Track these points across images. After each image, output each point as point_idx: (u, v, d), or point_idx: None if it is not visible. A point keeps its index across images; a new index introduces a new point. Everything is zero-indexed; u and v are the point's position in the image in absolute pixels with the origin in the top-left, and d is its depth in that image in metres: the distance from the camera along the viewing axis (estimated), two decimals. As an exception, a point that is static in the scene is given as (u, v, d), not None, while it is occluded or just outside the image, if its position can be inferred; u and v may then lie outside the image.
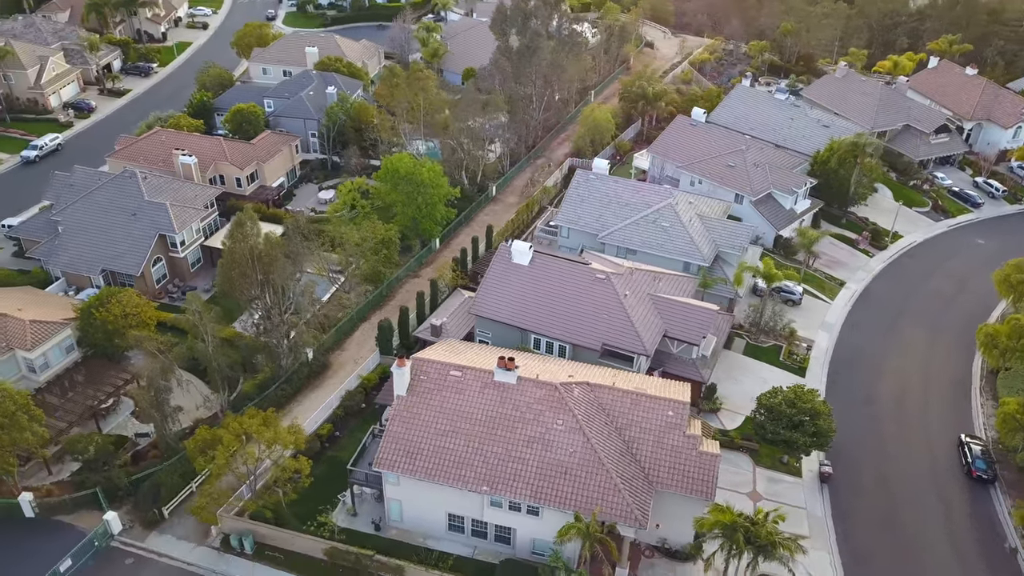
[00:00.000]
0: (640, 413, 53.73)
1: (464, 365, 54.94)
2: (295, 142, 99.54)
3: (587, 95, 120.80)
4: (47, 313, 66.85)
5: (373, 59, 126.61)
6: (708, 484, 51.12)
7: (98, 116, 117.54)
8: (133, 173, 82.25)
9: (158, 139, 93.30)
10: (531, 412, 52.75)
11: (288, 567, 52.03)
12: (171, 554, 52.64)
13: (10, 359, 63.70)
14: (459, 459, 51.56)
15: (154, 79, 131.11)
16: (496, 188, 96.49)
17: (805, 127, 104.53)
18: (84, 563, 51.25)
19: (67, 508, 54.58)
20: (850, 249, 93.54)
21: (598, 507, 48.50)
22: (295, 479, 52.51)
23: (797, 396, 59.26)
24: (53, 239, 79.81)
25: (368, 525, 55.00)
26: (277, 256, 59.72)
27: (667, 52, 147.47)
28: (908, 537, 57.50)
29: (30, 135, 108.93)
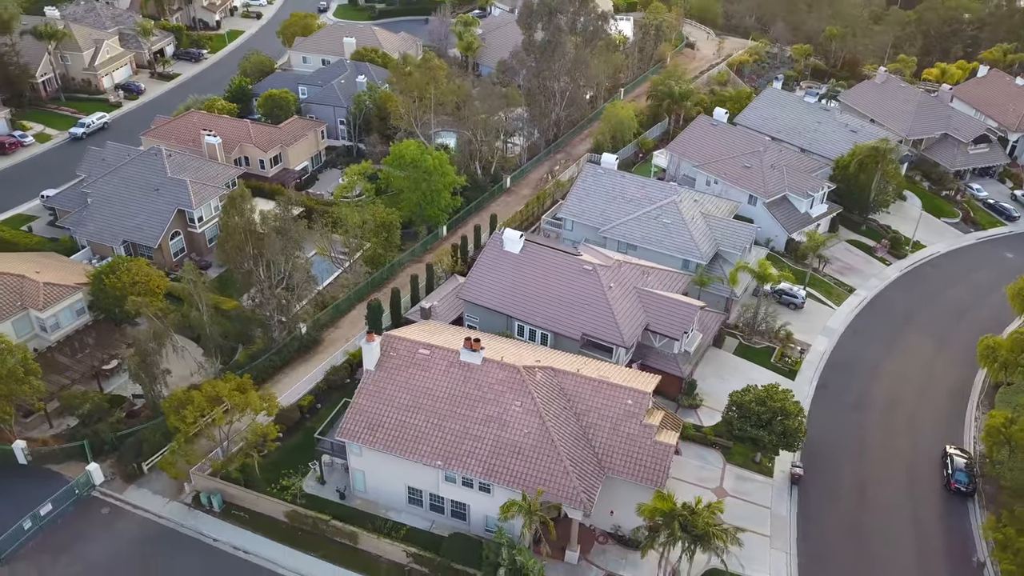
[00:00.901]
0: (600, 400, 54.43)
1: (433, 344, 56.49)
2: (321, 128, 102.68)
3: (617, 92, 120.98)
4: (62, 277, 70.89)
5: (410, 51, 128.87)
6: (659, 473, 51.56)
7: (146, 98, 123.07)
8: (159, 150, 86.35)
9: (190, 120, 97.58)
10: (492, 392, 53.97)
11: (252, 527, 54.42)
12: (145, 507, 55.63)
13: (24, 318, 67.81)
14: (417, 433, 53.14)
15: (203, 65, 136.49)
16: (511, 180, 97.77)
17: (832, 131, 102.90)
18: (64, 509, 54.55)
19: (56, 458, 58.12)
20: (866, 256, 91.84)
21: (541, 488, 49.41)
22: (262, 444, 54.72)
23: (768, 395, 59.01)
24: (82, 210, 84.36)
25: (334, 494, 56.99)
26: (268, 232, 62.17)
27: (708, 53, 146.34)
28: (873, 544, 56.69)
29: (80, 114, 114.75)
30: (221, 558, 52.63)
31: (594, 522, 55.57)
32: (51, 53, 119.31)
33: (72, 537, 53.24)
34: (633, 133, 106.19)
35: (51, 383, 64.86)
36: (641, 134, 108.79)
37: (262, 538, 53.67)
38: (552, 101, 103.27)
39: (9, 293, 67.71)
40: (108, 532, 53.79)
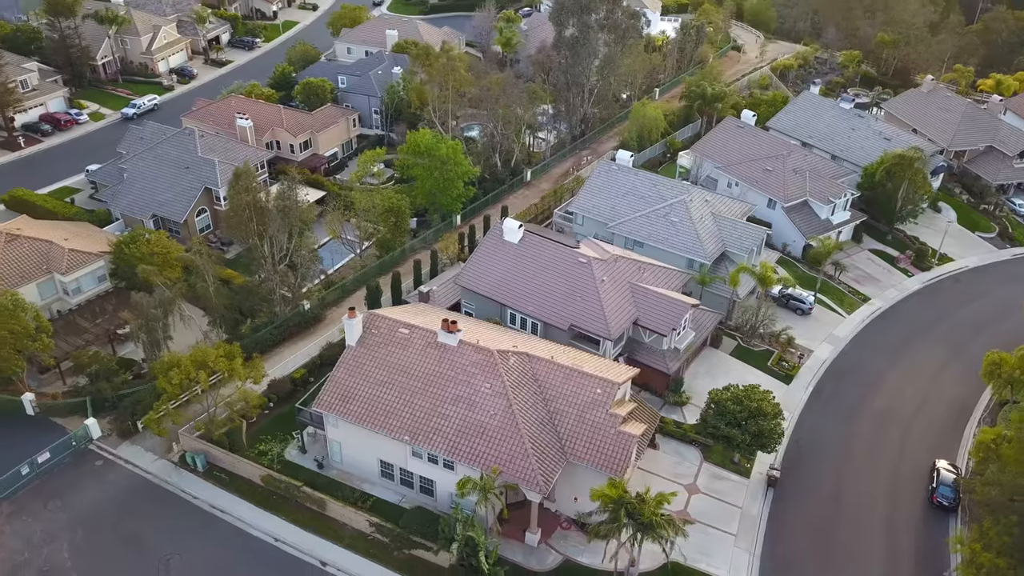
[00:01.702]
0: (570, 387, 55.22)
1: (413, 324, 58.15)
2: (353, 116, 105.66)
3: (652, 91, 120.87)
4: (88, 245, 75.13)
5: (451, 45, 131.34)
6: (620, 461, 52.11)
7: (197, 83, 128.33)
8: (192, 131, 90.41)
9: (227, 104, 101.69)
10: (464, 373, 55.32)
11: (230, 488, 57.02)
12: (136, 462, 58.83)
13: (49, 281, 72.12)
14: (388, 408, 54.89)
15: (256, 53, 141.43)
16: (533, 174, 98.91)
17: (866, 139, 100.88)
18: (60, 459, 58.13)
19: (61, 411, 61.89)
20: (888, 267, 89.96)
21: (497, 467, 50.55)
22: (244, 409, 57.29)
23: (746, 394, 58.83)
24: (118, 184, 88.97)
25: (313, 463, 59.21)
26: (269, 209, 64.88)
27: (755, 57, 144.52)
28: (841, 552, 56.00)
29: (133, 95, 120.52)
30: (198, 515, 55.34)
31: (560, 508, 56.44)
32: (111, 37, 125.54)
33: (65, 485, 56.71)
34: (661, 133, 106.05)
35: (68, 344, 69.14)
36: (670, 134, 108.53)
37: (238, 499, 56.21)
38: (580, 98, 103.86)
39: (37, 257, 72.09)
40: (98, 483, 57.11)
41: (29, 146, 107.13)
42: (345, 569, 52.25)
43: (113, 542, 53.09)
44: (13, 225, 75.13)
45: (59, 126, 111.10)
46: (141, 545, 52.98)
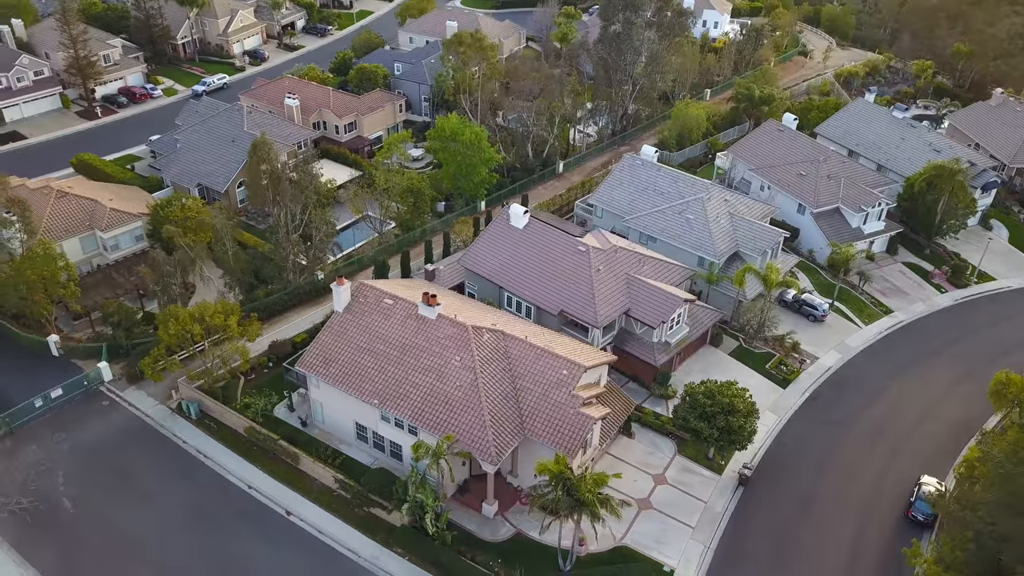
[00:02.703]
0: (538, 366, 56.59)
1: (398, 296, 60.63)
2: (400, 101, 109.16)
3: (703, 92, 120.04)
4: (130, 207, 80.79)
5: (511, 38, 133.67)
6: (574, 440, 53.16)
7: (267, 65, 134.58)
8: (241, 107, 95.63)
9: (282, 84, 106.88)
10: (438, 345, 57.42)
11: (218, 436, 60.85)
12: (138, 405, 63.44)
13: (91, 236, 78.00)
14: (364, 373, 57.52)
15: (327, 40, 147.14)
16: (565, 166, 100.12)
17: (914, 150, 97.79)
18: (72, 396, 63.23)
19: (81, 354, 67.19)
20: (921, 281, 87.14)
21: (452, 435, 52.42)
22: (235, 362, 61.04)
23: (719, 390, 58.75)
24: (171, 154, 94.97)
25: (297, 421, 62.46)
26: (282, 180, 68.58)
27: (819, 62, 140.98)
28: (801, 554, 55.41)
29: (205, 74, 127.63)
30: (184, 458, 59.38)
31: (522, 483, 57.84)
32: (191, 19, 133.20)
33: (72, 420, 61.74)
34: (702, 133, 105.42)
35: (100, 295, 74.80)
36: (713, 135, 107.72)
37: (222, 447, 59.95)
38: (621, 94, 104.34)
39: (82, 214, 78.05)
40: (102, 421, 61.92)
41: (105, 116, 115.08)
42: (307, 519, 55.16)
43: (103, 474, 57.61)
44: (65, 183, 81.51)
45: (134, 99, 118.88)
46: (128, 480, 57.33)
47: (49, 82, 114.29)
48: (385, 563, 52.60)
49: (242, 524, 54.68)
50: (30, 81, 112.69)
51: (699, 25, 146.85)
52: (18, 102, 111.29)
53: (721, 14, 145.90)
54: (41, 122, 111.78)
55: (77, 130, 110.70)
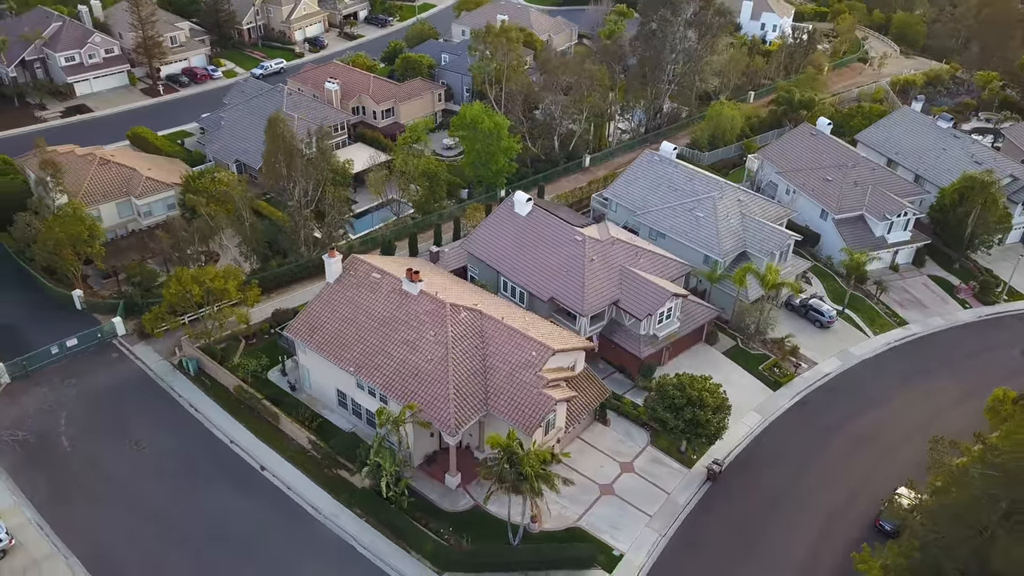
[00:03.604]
0: (509, 346, 58.00)
1: (386, 271, 62.96)
2: (440, 90, 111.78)
3: (747, 93, 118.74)
4: (166, 177, 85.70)
5: (561, 34, 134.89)
6: (533, 420, 54.38)
7: (326, 52, 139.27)
8: (282, 89, 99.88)
9: (327, 70, 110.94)
10: (416, 320, 59.48)
11: (210, 393, 64.47)
12: (144, 359, 67.68)
13: (127, 202, 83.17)
14: (344, 341, 60.06)
15: (387, 30, 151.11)
16: (592, 160, 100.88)
17: (955, 161, 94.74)
18: (85, 347, 67.92)
19: (101, 309, 71.94)
20: (945, 295, 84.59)
21: (415, 404, 54.35)
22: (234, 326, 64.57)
23: (690, 382, 58.90)
24: (215, 130, 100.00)
25: (287, 385, 65.53)
26: (295, 156, 71.88)
27: (885, 69, 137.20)
28: (755, 553, 55.17)
29: (265, 58, 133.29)
30: (177, 410, 63.21)
31: (488, 457, 59.24)
32: (256, 5, 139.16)
33: (83, 368, 66.36)
34: (736, 135, 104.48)
35: (131, 258, 79.74)
36: (749, 137, 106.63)
37: (212, 402, 63.50)
38: (655, 91, 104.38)
39: (120, 180, 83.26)
40: (107, 370, 66.38)
41: (167, 93, 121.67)
42: (278, 475, 58.06)
43: (103, 419, 61.85)
44: (109, 152, 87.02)
45: (196, 79, 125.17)
46: (122, 426, 61.40)
47: (118, 60, 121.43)
48: (344, 522, 54.97)
49: (218, 475, 57.95)
50: (101, 58, 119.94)
51: (757, 27, 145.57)
52: (88, 77, 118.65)
53: (780, 17, 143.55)
54: (108, 97, 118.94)
55: (139, 106, 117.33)
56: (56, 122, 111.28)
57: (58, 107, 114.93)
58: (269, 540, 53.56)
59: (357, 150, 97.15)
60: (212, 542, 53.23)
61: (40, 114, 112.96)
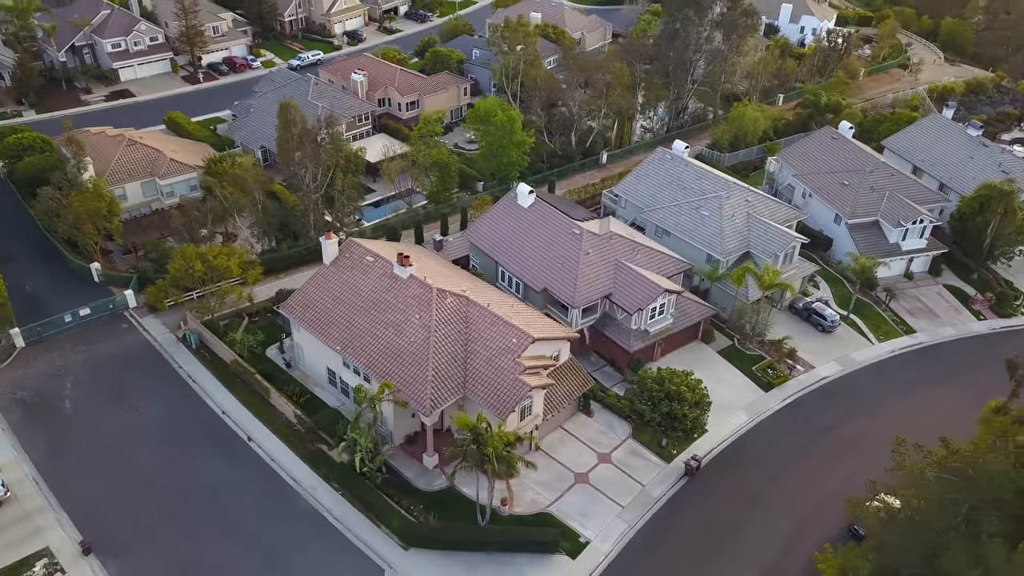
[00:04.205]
0: (491, 332, 59.03)
1: (379, 255, 64.57)
2: (465, 84, 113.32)
3: (775, 95, 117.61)
4: (190, 159, 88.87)
5: (595, 33, 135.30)
6: (507, 404, 55.33)
7: (363, 45, 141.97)
8: (309, 78, 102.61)
9: (357, 61, 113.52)
10: (403, 303, 60.93)
11: (209, 365, 66.93)
12: (151, 331, 70.54)
13: (151, 182, 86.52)
14: (333, 320, 61.84)
15: (425, 25, 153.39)
16: (610, 157, 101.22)
17: (981, 170, 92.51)
18: (97, 316, 71.10)
19: (117, 282, 75.14)
20: (959, 305, 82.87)
21: (392, 382, 55.76)
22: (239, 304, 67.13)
23: (670, 377, 59.12)
24: (244, 117, 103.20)
25: (283, 362, 67.64)
26: (304, 141, 74.05)
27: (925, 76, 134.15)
28: (724, 549, 55.16)
29: (303, 50, 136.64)
30: (176, 380, 65.81)
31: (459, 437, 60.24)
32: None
33: (93, 337, 69.50)
34: (759, 137, 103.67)
35: (152, 235, 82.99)
36: (772, 139, 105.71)
37: (209, 375, 65.94)
38: (678, 91, 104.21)
39: (145, 161, 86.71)
40: (115, 340, 69.40)
41: (207, 81, 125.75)
42: (264, 447, 60.10)
43: (105, 385, 64.79)
44: (137, 134, 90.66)
45: (235, 68, 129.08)
46: (123, 393, 64.21)
47: (162, 48, 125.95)
48: (320, 494, 56.69)
49: (207, 443, 60.28)
50: (145, 45, 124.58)
51: (796, 31, 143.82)
52: (133, 64, 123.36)
53: (820, 20, 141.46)
54: (150, 83, 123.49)
55: (179, 92, 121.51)
56: (99, 105, 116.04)
57: (103, 91, 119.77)
58: (248, 508, 55.55)
59: (377, 140, 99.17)
60: (194, 506, 55.46)
61: (85, 98, 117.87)
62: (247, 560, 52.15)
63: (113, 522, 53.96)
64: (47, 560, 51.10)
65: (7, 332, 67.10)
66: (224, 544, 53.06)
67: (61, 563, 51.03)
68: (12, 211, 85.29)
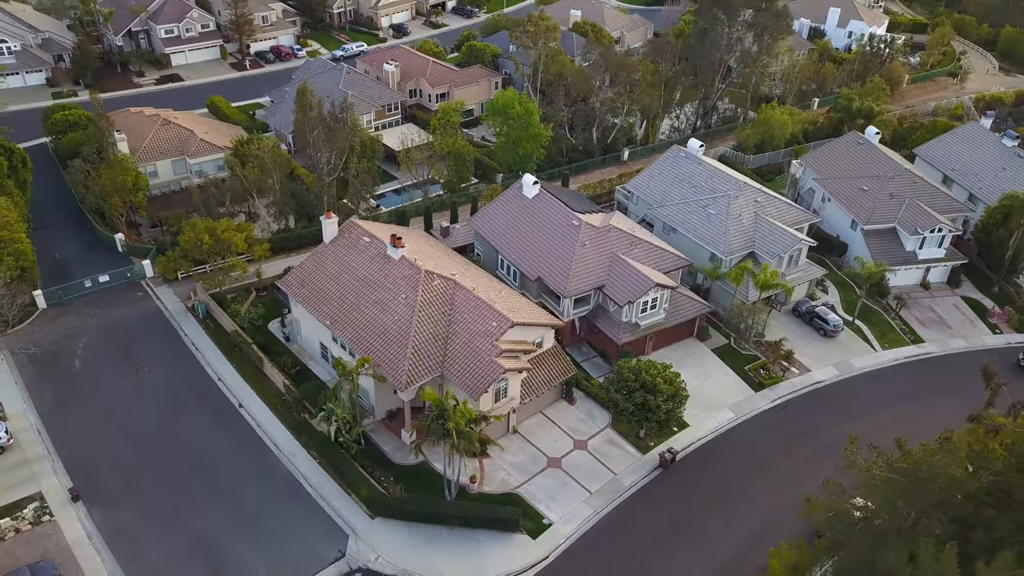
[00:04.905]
0: (473, 315, 60.43)
1: (375, 236, 66.61)
2: (497, 78, 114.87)
3: (810, 99, 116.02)
4: (219, 140, 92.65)
5: (635, 32, 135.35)
6: (480, 384, 56.63)
7: (408, 38, 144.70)
8: (342, 67, 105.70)
9: (392, 52, 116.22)
10: (392, 282, 62.80)
11: (211, 334, 70.02)
12: (163, 300, 74.11)
13: (181, 161, 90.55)
14: (326, 297, 64.08)
15: (471, 20, 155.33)
16: (631, 155, 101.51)
17: (1013, 182, 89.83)
18: (115, 283, 75.03)
19: (138, 253, 79.03)
20: (975, 318, 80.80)
21: (370, 357, 57.66)
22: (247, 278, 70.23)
23: (647, 368, 59.55)
24: (279, 103, 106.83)
25: (283, 336, 70.32)
26: (317, 126, 76.69)
27: (975, 85, 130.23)
28: (686, 541, 55.39)
29: (348, 41, 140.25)
30: (179, 347, 69.09)
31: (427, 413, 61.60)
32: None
33: (109, 302, 73.39)
34: (786, 140, 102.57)
35: (178, 211, 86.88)
36: (800, 143, 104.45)
37: (211, 343, 69.02)
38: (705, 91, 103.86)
39: (177, 140, 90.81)
40: (129, 306, 73.16)
41: (253, 68, 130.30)
42: (252, 414, 62.75)
43: (114, 347, 68.47)
44: (173, 114, 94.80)
45: (281, 57, 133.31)
46: (129, 355, 67.75)
47: (212, 35, 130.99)
48: (299, 461, 58.98)
49: (201, 407, 63.24)
50: (197, 32, 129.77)
51: (844, 35, 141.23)
52: (184, 49, 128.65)
53: (869, 25, 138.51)
54: (199, 68, 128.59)
55: (226, 78, 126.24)
56: (150, 88, 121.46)
57: (154, 75, 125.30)
58: (230, 470, 58.16)
59: (404, 130, 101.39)
60: (180, 464, 58.35)
61: (137, 80, 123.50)
62: (221, 518, 54.68)
63: (103, 474, 57.16)
64: (38, 504, 54.51)
65: (31, 293, 71.26)
66: (202, 502, 55.75)
67: (51, 507, 54.36)
68: (54, 183, 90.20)
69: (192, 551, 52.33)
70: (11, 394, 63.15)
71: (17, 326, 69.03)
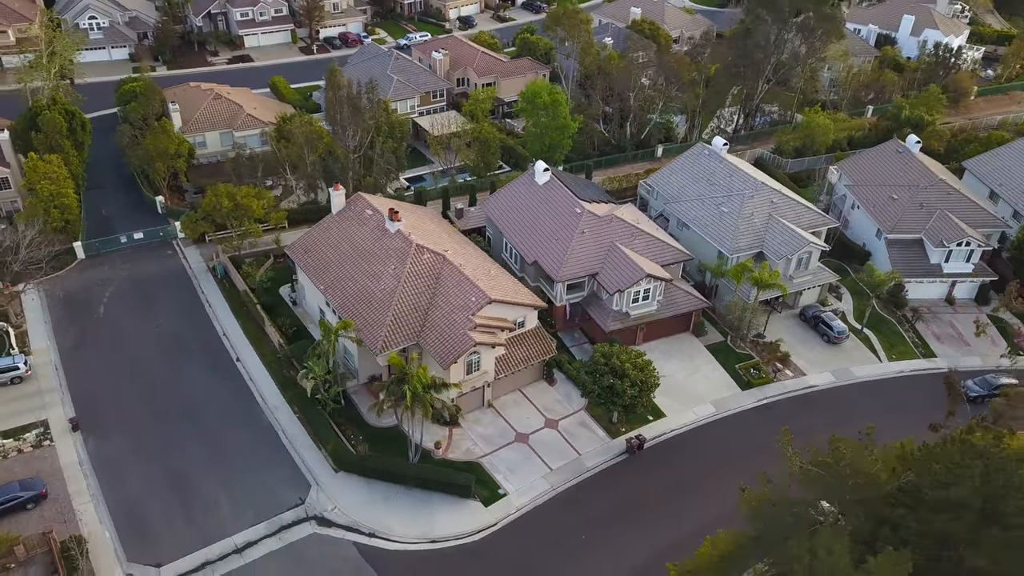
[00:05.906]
0: (456, 290, 62.61)
1: (378, 209, 69.60)
2: (545, 71, 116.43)
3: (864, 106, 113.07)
4: (266, 116, 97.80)
5: (696, 31, 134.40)
6: (451, 354, 58.78)
7: (472, 31, 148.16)
8: (392, 52, 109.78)
9: (444, 42, 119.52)
10: (385, 254, 65.63)
11: (225, 293, 74.64)
12: (189, 259, 79.39)
13: (228, 133, 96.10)
14: (324, 264, 67.50)
15: (539, 15, 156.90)
16: (665, 151, 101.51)
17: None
18: (148, 241, 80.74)
19: (175, 215, 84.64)
20: (998, 337, 77.68)
21: (351, 321, 60.58)
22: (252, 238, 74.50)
23: (618, 354, 60.30)
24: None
25: (290, 300, 74.27)
26: (344, 105, 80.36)
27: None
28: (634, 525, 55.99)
29: (414, 31, 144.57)
30: (194, 302, 74.09)
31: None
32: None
33: (139, 257, 79.18)
34: (827, 145, 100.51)
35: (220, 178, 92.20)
36: (843, 150, 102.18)
37: (223, 301, 73.61)
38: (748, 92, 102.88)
39: (226, 114, 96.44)
40: (158, 262, 78.70)
41: (320, 53, 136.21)
42: (247, 367, 66.79)
43: (138, 298, 73.92)
44: (224, 89, 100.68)
45: (348, 43, 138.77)
46: (148, 306, 73.09)
47: (284, 20, 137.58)
48: (280, 414, 62.53)
49: (202, 357, 67.69)
50: (270, 16, 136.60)
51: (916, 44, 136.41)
52: (257, 32, 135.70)
53: (945, 35, 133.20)
54: (269, 51, 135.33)
55: (293, 60, 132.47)
56: (221, 67, 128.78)
57: (227, 55, 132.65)
58: (216, 416, 62.22)
59: (443, 117, 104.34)
60: (173, 407, 62.80)
61: (211, 59, 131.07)
62: (199, 457, 58.71)
63: (104, 408, 62.11)
64: (41, 430, 59.78)
65: (72, 245, 77.49)
66: (186, 441, 59.90)
67: (52, 434, 59.52)
68: (114, 148, 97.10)
69: (167, 483, 56.49)
70: (39, 331, 69.12)
71: (54, 273, 75.12)
